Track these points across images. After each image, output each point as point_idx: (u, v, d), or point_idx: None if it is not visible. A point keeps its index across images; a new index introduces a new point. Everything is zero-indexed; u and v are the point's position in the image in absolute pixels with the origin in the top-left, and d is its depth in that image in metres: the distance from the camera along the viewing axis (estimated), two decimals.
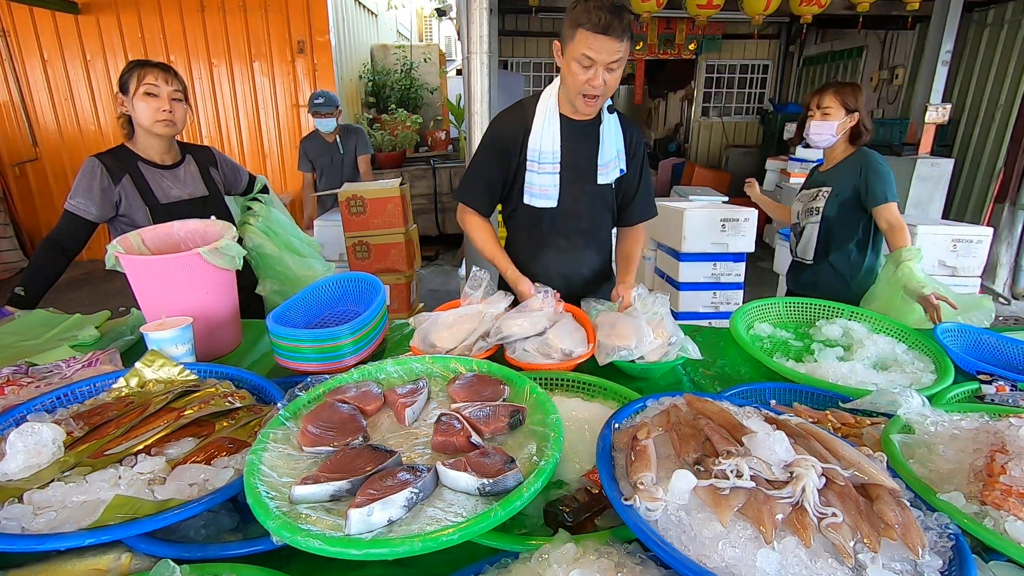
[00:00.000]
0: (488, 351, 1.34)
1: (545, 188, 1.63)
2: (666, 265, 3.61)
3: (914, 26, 6.08)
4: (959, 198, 5.48)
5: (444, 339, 1.36)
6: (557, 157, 1.61)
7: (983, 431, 0.91)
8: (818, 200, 2.17)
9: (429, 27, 11.40)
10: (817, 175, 2.26)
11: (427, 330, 1.40)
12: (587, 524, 0.81)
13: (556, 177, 1.63)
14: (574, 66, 1.47)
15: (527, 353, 1.34)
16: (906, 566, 0.65)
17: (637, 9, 4.73)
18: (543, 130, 1.59)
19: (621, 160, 1.70)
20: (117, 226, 1.80)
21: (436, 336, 1.37)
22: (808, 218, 2.22)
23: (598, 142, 1.64)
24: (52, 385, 1.14)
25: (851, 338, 1.56)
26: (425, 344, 1.37)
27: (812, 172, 2.32)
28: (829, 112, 2.07)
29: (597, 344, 1.38)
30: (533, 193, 1.64)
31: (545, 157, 1.60)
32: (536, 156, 1.60)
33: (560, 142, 1.60)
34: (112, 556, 0.72)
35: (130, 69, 1.72)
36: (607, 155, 1.66)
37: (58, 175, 5.78)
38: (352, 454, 0.81)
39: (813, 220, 2.20)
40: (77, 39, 5.39)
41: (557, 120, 1.60)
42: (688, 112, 9.41)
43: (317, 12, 5.41)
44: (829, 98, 2.07)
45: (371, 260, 3.31)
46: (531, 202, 1.66)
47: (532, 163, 1.61)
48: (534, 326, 1.37)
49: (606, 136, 1.64)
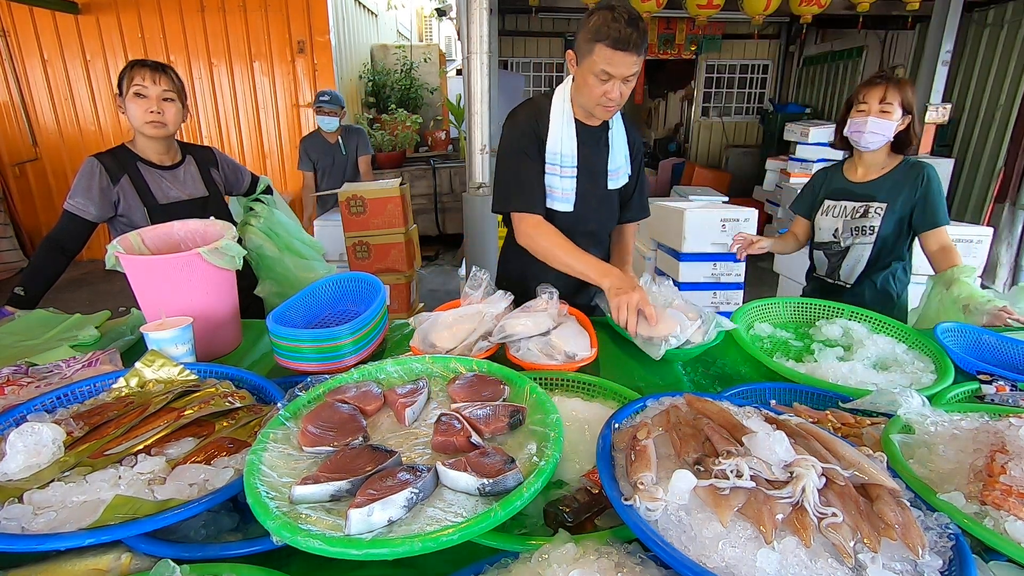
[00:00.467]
0: (489, 351, 1.34)
1: (566, 192, 1.64)
2: (666, 265, 3.61)
3: (914, 26, 6.08)
4: (959, 198, 5.48)
5: (444, 339, 1.36)
6: (575, 161, 1.62)
7: (983, 431, 0.91)
8: (871, 218, 1.91)
9: (429, 27, 11.40)
10: (854, 186, 1.97)
11: (427, 330, 1.40)
12: (587, 524, 0.81)
13: (574, 181, 1.64)
14: (591, 79, 1.48)
15: (530, 352, 1.34)
16: (906, 566, 0.65)
17: (637, 9, 4.73)
18: (562, 133, 1.59)
19: (628, 166, 1.74)
20: (116, 226, 1.80)
21: (436, 336, 1.37)
22: (857, 238, 1.94)
23: (608, 147, 1.68)
24: (52, 385, 1.14)
25: (851, 338, 1.56)
26: (425, 344, 1.37)
27: (836, 180, 2.02)
28: (889, 110, 1.80)
29: (642, 340, 1.38)
30: (555, 197, 1.65)
31: (566, 160, 1.61)
32: (557, 159, 1.61)
33: (576, 146, 1.61)
34: (112, 556, 0.72)
35: (125, 70, 1.72)
36: (617, 161, 1.69)
37: (58, 175, 5.78)
38: (352, 454, 0.81)
39: (864, 240, 1.92)
40: (77, 39, 5.39)
41: (573, 124, 1.60)
42: (688, 112, 9.41)
43: (317, 12, 5.41)
44: (893, 93, 1.79)
45: (371, 260, 3.31)
46: (552, 205, 1.66)
47: (553, 166, 1.61)
48: (537, 326, 1.37)
49: (615, 142, 1.68)
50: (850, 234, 1.96)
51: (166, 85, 1.74)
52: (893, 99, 1.79)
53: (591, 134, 1.65)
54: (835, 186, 2.03)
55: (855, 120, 1.86)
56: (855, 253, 1.97)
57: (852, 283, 2.01)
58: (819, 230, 2.06)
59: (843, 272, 2.03)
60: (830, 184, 2.05)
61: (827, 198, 2.03)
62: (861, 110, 1.84)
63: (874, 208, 1.91)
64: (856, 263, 1.98)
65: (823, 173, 2.11)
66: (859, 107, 1.85)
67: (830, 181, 2.05)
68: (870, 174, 1.95)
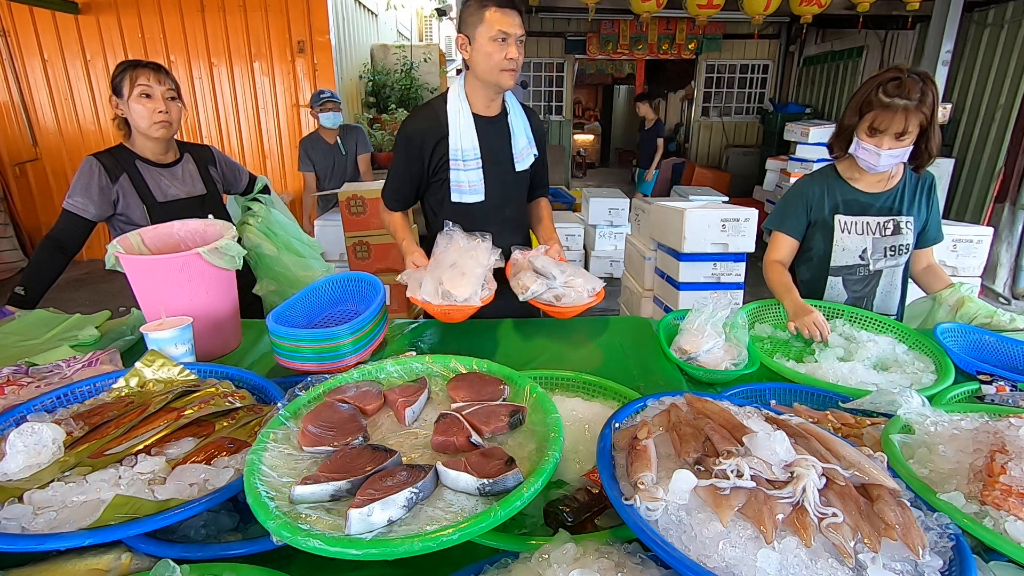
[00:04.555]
0: (490, 297, 1.47)
1: (473, 184, 1.72)
2: (666, 265, 3.61)
3: (914, 26, 6.08)
4: (959, 198, 5.48)
5: (461, 287, 1.42)
6: (478, 153, 1.69)
7: (983, 431, 0.91)
8: (904, 234, 1.68)
9: (429, 27, 11.39)
10: (869, 197, 1.72)
11: (437, 279, 1.47)
12: (587, 524, 0.81)
13: (480, 172, 1.71)
14: (490, 46, 1.57)
15: (566, 295, 1.52)
16: (906, 566, 0.65)
17: (637, 9, 4.74)
18: (460, 130, 1.67)
19: (532, 146, 1.81)
20: (116, 225, 1.80)
21: (451, 284, 1.43)
22: (889, 259, 1.71)
23: (509, 134, 1.75)
24: (52, 385, 1.14)
25: (851, 338, 1.55)
26: (437, 295, 1.44)
27: (841, 190, 1.73)
28: (907, 139, 1.55)
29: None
30: (462, 190, 1.72)
31: (468, 154, 1.68)
32: (459, 155, 1.68)
33: (477, 139, 1.69)
34: (112, 556, 0.72)
35: (122, 71, 1.70)
36: (520, 144, 1.77)
37: (58, 175, 5.78)
38: (352, 454, 0.81)
39: (897, 262, 1.72)
40: (77, 39, 5.39)
41: (471, 119, 1.68)
42: (688, 112, 9.42)
43: (317, 12, 5.40)
44: (913, 120, 1.51)
45: (371, 260, 3.31)
46: (461, 199, 1.73)
47: (456, 162, 1.69)
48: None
49: (515, 126, 1.76)
50: (882, 255, 1.71)
51: (169, 84, 1.75)
52: (913, 127, 1.53)
53: (490, 124, 1.73)
54: (845, 198, 1.73)
55: (866, 147, 1.58)
56: (888, 278, 1.74)
57: (895, 315, 1.76)
58: (841, 251, 1.74)
59: (877, 303, 1.77)
60: (834, 196, 1.74)
61: (837, 213, 1.73)
62: (874, 138, 1.57)
63: (904, 223, 1.69)
64: (890, 291, 1.75)
65: (814, 183, 1.78)
66: (872, 134, 1.57)
67: (832, 192, 1.74)
68: (881, 183, 1.72)
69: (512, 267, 1.65)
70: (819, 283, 1.81)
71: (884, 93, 1.52)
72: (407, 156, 1.72)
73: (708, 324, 1.42)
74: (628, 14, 5.82)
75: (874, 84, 1.56)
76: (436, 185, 1.75)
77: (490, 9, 1.54)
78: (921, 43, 5.83)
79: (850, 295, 1.79)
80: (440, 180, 1.73)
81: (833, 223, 1.74)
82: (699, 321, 1.43)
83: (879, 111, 1.53)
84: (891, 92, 1.51)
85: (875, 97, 1.54)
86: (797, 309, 1.61)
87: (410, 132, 1.71)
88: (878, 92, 1.54)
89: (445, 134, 1.67)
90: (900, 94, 1.50)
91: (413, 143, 1.70)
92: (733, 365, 1.35)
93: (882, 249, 1.72)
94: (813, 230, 1.79)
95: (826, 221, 1.75)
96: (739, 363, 1.36)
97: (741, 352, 1.38)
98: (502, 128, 1.75)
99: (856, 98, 1.61)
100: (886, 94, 1.52)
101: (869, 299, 1.78)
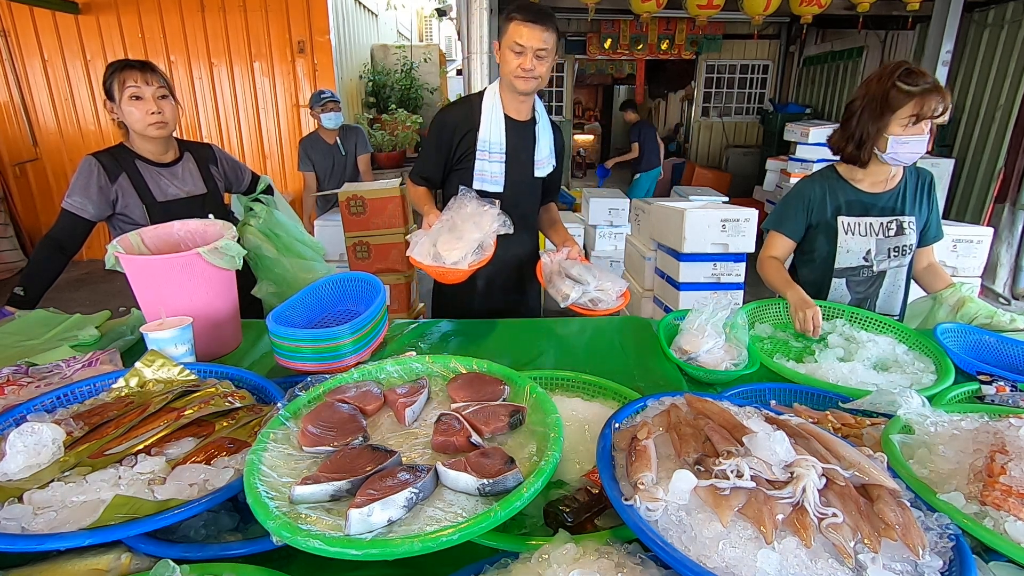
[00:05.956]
0: (482, 261, 1.53)
1: (494, 175, 1.85)
2: (666, 265, 3.60)
3: (914, 26, 6.08)
4: (959, 198, 5.48)
5: (453, 250, 1.48)
6: (503, 148, 1.83)
7: (983, 431, 0.91)
8: (907, 235, 1.68)
9: (429, 27, 11.40)
10: (872, 198, 1.71)
11: (434, 236, 1.54)
12: (587, 524, 0.81)
13: (503, 166, 1.84)
14: (508, 55, 1.70)
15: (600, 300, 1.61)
16: (906, 566, 0.65)
17: (637, 9, 4.73)
18: (491, 125, 1.81)
19: (552, 158, 1.96)
20: (115, 224, 1.80)
21: (444, 245, 1.50)
22: (894, 260, 1.72)
23: (535, 140, 1.90)
24: (52, 385, 1.14)
25: (851, 338, 1.55)
26: (429, 256, 1.50)
27: (842, 190, 1.72)
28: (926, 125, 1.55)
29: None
30: (484, 179, 1.85)
31: (494, 147, 1.82)
32: (486, 147, 1.82)
33: (505, 136, 1.82)
34: (112, 556, 0.72)
35: (110, 74, 1.69)
36: (542, 152, 1.91)
37: (58, 175, 5.78)
38: (352, 454, 0.81)
39: (901, 263, 1.72)
40: (77, 39, 5.39)
41: (502, 117, 1.82)
42: (688, 112, 9.42)
43: (317, 12, 5.40)
44: (942, 99, 1.51)
45: (371, 260, 3.31)
46: (482, 187, 1.85)
47: (483, 152, 1.82)
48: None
49: (541, 136, 1.90)
50: (886, 256, 1.71)
51: (158, 83, 1.72)
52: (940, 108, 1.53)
53: (520, 128, 1.87)
54: (847, 198, 1.72)
55: (906, 140, 1.52)
56: (892, 279, 1.73)
57: (897, 316, 1.75)
58: (845, 253, 1.73)
59: (880, 303, 1.77)
60: (836, 197, 1.72)
61: (840, 214, 1.72)
62: (914, 127, 1.52)
63: (907, 223, 1.69)
64: (894, 292, 1.74)
65: (815, 185, 1.76)
66: (911, 124, 1.52)
67: (834, 193, 1.73)
68: (883, 183, 1.71)
69: (543, 268, 1.78)
70: (823, 285, 1.80)
71: (907, 83, 1.52)
72: (438, 139, 1.86)
73: (708, 324, 1.42)
74: (628, 14, 5.82)
75: (887, 83, 1.54)
76: (459, 173, 1.88)
77: (514, 22, 1.67)
78: (921, 43, 5.83)
79: (854, 296, 1.78)
80: (463, 169, 1.86)
81: (836, 225, 1.73)
82: (699, 321, 1.43)
83: (917, 99, 1.51)
84: (913, 80, 1.51)
85: (899, 92, 1.53)
86: (799, 302, 1.62)
87: (445, 118, 1.87)
88: (898, 86, 1.53)
89: (475, 126, 1.81)
90: (920, 79, 1.52)
91: (446, 128, 1.84)
92: (733, 365, 1.35)
93: (886, 250, 1.72)
94: (815, 232, 1.78)
95: (829, 223, 1.74)
96: (739, 363, 1.36)
97: (741, 352, 1.39)
98: (529, 134, 1.89)
99: (870, 104, 1.58)
100: (911, 84, 1.51)
101: (872, 300, 1.78)
